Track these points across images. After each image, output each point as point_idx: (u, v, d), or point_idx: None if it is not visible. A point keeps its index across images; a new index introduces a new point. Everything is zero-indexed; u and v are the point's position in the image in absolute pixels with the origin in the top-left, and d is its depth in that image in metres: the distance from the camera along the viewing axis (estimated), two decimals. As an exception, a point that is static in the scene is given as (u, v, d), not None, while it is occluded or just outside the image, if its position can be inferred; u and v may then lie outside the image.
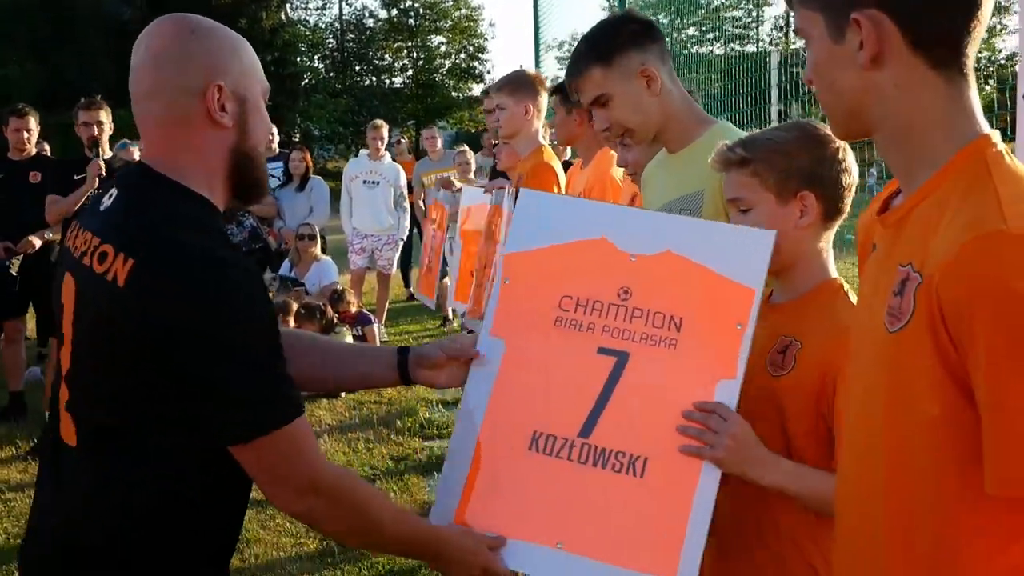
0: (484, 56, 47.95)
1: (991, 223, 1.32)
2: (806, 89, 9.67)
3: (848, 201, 2.16)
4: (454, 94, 44.45)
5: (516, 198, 3.56)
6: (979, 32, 1.45)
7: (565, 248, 2.18)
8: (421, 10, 45.97)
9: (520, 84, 4.98)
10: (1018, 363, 1.29)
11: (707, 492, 1.94)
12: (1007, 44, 39.42)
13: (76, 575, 1.85)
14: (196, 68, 1.84)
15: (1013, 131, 3.74)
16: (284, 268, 9.62)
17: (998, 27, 41.71)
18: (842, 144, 2.11)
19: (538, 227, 2.22)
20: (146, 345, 1.71)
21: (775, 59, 8.87)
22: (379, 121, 10.43)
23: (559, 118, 4.52)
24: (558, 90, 4.58)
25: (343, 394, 8.46)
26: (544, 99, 4.98)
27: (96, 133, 6.92)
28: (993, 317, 1.29)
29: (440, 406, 7.79)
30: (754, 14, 47.49)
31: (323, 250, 9.95)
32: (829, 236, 2.18)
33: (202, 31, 1.87)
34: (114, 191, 1.90)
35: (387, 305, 10.68)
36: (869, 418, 1.51)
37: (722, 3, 45.33)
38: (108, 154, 7.04)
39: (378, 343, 9.32)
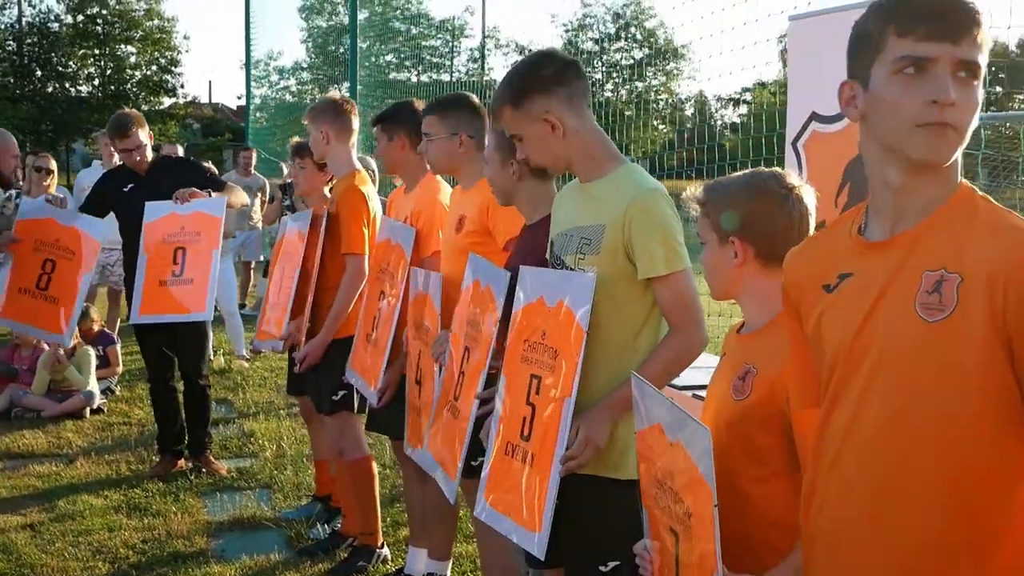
0: (177, 69, 46.37)
1: None
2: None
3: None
4: (145, 107, 42.67)
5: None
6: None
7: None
8: (110, 17, 44.09)
9: (319, 111, 5.04)
10: None
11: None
12: (682, 89, 43.71)
13: None
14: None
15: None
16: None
17: (675, 71, 45.74)
18: (790, 196, 2.38)
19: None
20: None
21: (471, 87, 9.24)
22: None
23: (382, 146, 4.61)
24: (379, 120, 4.69)
25: (87, 415, 8.14)
26: (353, 123, 5.05)
27: None
28: None
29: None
30: (451, 45, 48.67)
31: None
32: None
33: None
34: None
35: (118, 323, 10.31)
36: (910, 391, 1.82)
37: (420, 32, 46.23)
38: None
39: (120, 363, 9.04)
